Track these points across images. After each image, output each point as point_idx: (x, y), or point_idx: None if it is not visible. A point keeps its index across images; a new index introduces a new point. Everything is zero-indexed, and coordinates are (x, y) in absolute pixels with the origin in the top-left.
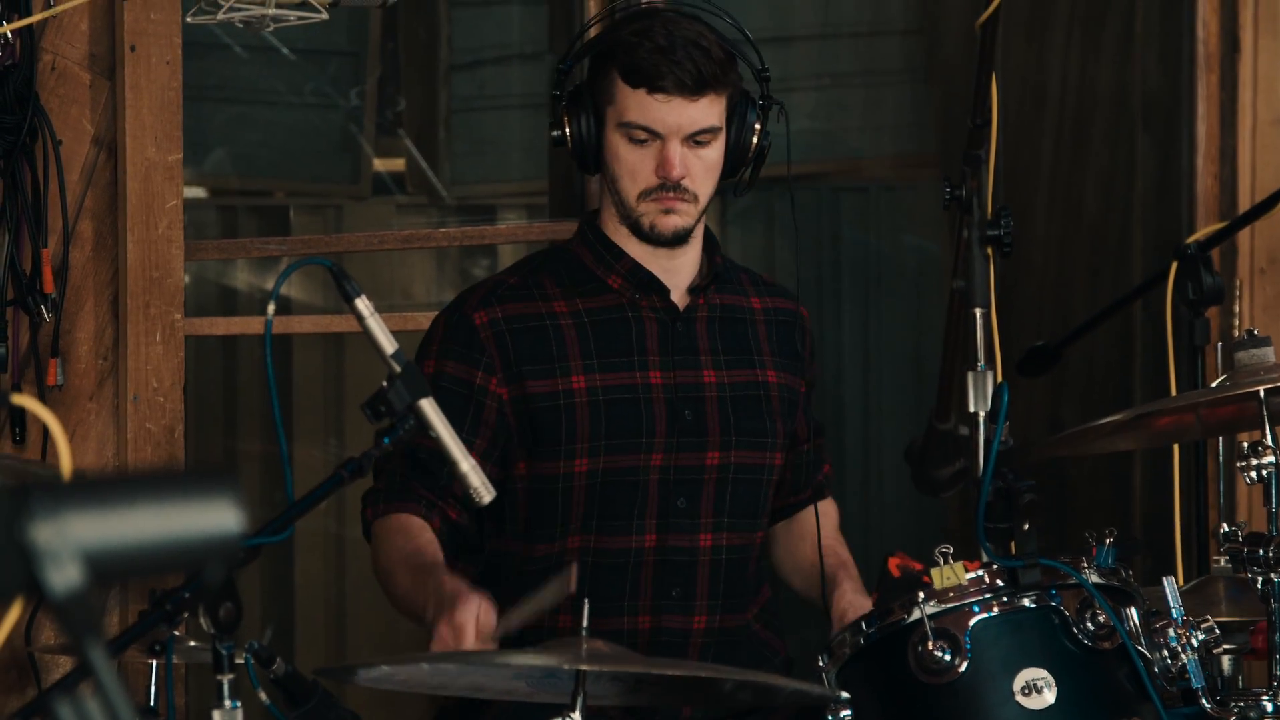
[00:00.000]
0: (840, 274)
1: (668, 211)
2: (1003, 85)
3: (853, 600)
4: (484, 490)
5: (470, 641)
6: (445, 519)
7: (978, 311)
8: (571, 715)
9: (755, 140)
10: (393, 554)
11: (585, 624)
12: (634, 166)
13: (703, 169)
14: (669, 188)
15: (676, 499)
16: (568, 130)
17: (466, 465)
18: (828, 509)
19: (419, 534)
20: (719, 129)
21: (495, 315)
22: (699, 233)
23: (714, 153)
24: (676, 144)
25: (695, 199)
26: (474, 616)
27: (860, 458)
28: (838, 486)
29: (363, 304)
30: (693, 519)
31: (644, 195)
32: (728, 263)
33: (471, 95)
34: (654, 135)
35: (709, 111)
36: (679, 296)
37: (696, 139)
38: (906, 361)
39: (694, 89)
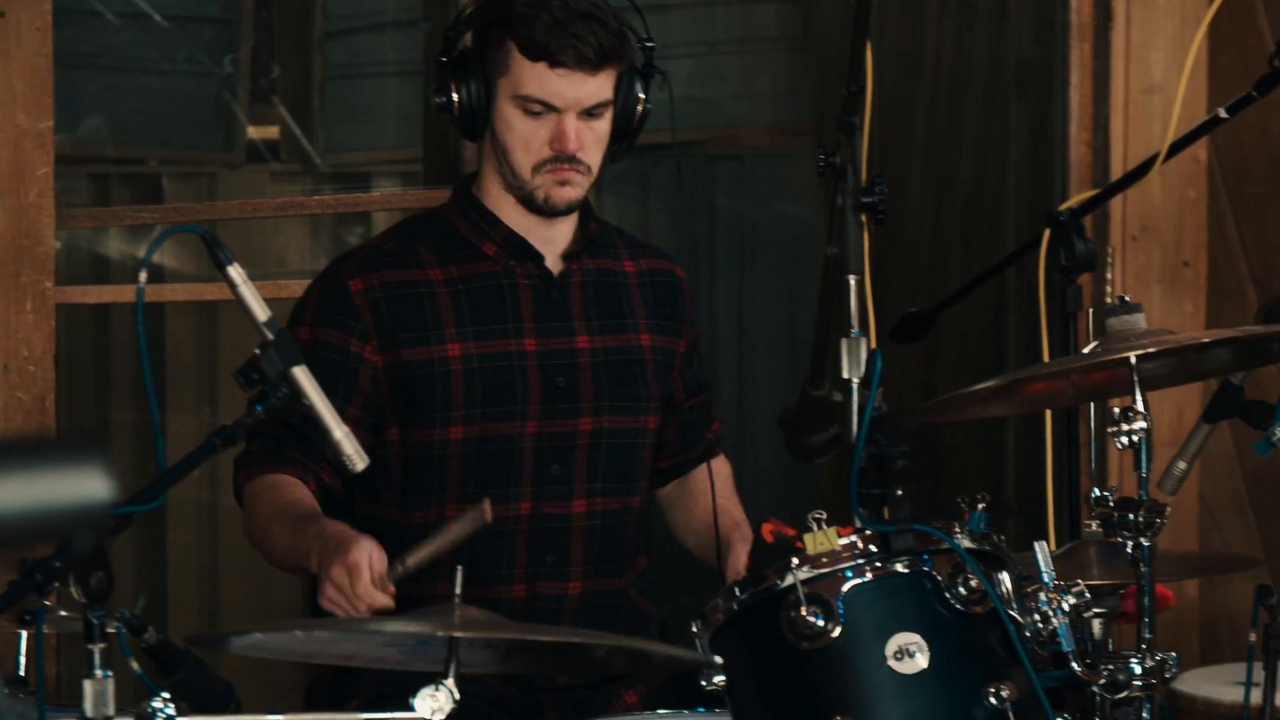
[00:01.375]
0: (715, 241)
1: (563, 184)
2: (878, 53)
3: (746, 562)
4: (357, 458)
5: (366, 582)
6: (320, 482)
7: (852, 278)
8: (445, 683)
9: (640, 109)
10: (269, 509)
11: (458, 591)
12: (528, 138)
13: (594, 140)
14: (564, 160)
15: (550, 466)
16: (455, 97)
17: (339, 433)
18: (720, 468)
19: (295, 489)
20: (611, 101)
21: (371, 282)
22: None
23: (605, 124)
24: (573, 118)
25: (589, 170)
26: (367, 556)
27: (734, 424)
28: None
29: (235, 272)
30: (567, 485)
31: (539, 167)
32: (602, 226)
33: (346, 63)
34: (550, 109)
35: (604, 85)
36: (553, 263)
37: (590, 112)
38: (781, 328)
39: (594, 63)
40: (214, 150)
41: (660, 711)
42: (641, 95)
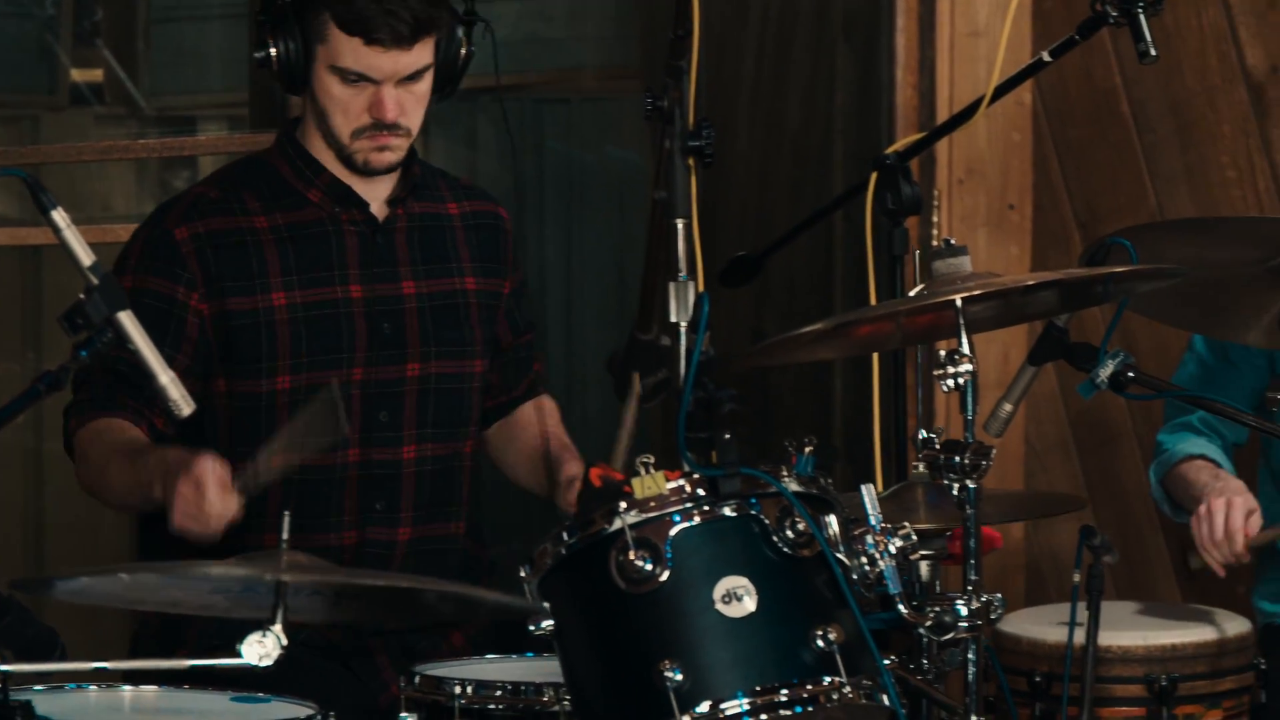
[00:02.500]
0: (543, 186)
1: (382, 149)
2: None
3: (578, 470)
4: (183, 403)
5: (213, 493)
6: (152, 428)
7: (679, 222)
8: (272, 629)
9: (462, 55)
10: (105, 449)
11: (285, 536)
12: (346, 105)
13: (415, 102)
14: (383, 126)
15: (378, 412)
16: (273, 53)
17: (165, 378)
18: (548, 404)
19: (129, 430)
20: (431, 65)
21: (197, 230)
22: None
23: (425, 85)
24: (390, 88)
25: (409, 133)
26: (210, 468)
27: (563, 368)
28: None
29: (59, 216)
30: (395, 432)
31: (357, 134)
32: (425, 169)
33: (170, 5)
34: (368, 80)
35: (423, 54)
36: (378, 209)
37: (409, 78)
38: (609, 272)
39: (410, 38)
40: (37, 93)
41: (489, 656)
42: (463, 41)
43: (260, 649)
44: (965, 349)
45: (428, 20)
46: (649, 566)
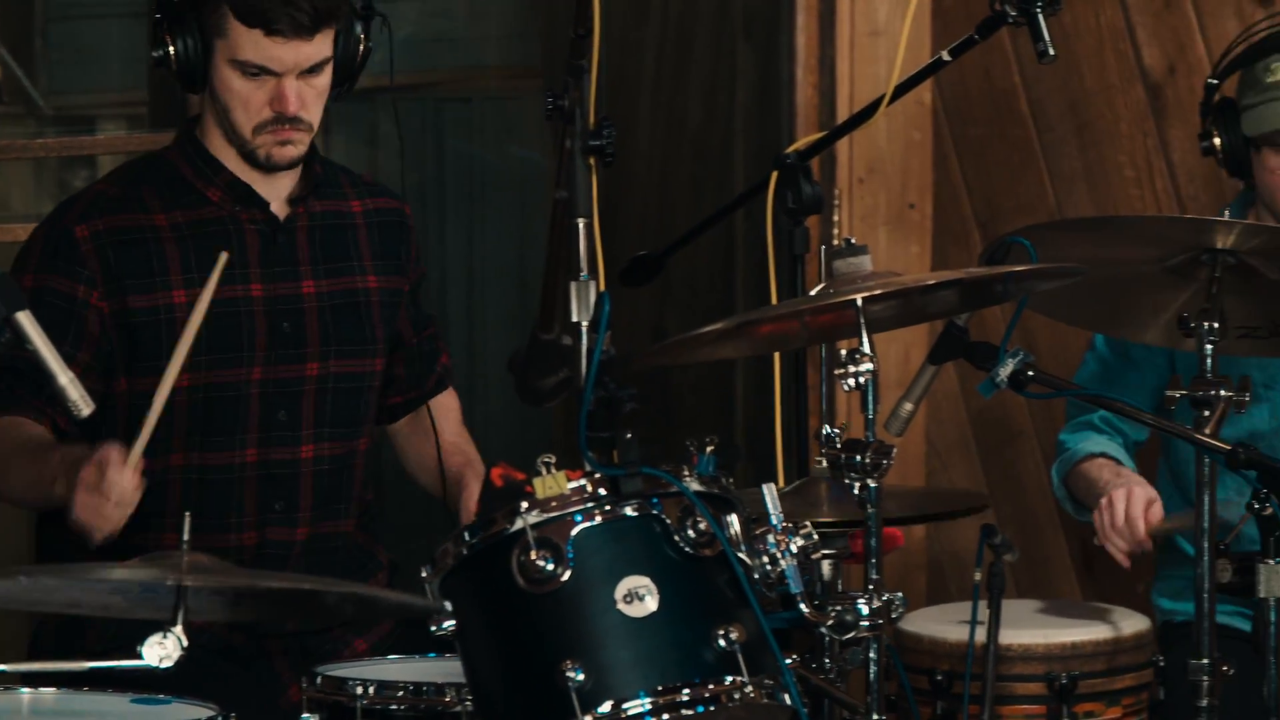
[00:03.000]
0: (445, 185)
1: (284, 143)
2: None
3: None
4: (82, 403)
5: (114, 470)
6: (55, 427)
7: (580, 221)
8: (173, 630)
9: (361, 51)
10: (7, 446)
11: (186, 537)
12: (247, 100)
13: (315, 96)
14: (285, 120)
15: (277, 412)
16: (171, 51)
17: (65, 379)
18: (450, 402)
19: (32, 427)
20: (330, 58)
21: (97, 228)
22: None
23: (325, 79)
24: (291, 80)
25: (310, 127)
26: (115, 448)
27: (465, 368)
28: None
29: None
30: (294, 431)
31: (259, 129)
32: (327, 166)
33: (68, 4)
34: (269, 73)
35: (322, 45)
36: (279, 207)
37: (310, 70)
38: (510, 271)
39: (310, 29)
40: None
41: (390, 657)
42: (362, 37)
43: (161, 650)
44: (866, 348)
45: (327, 11)
46: (550, 566)
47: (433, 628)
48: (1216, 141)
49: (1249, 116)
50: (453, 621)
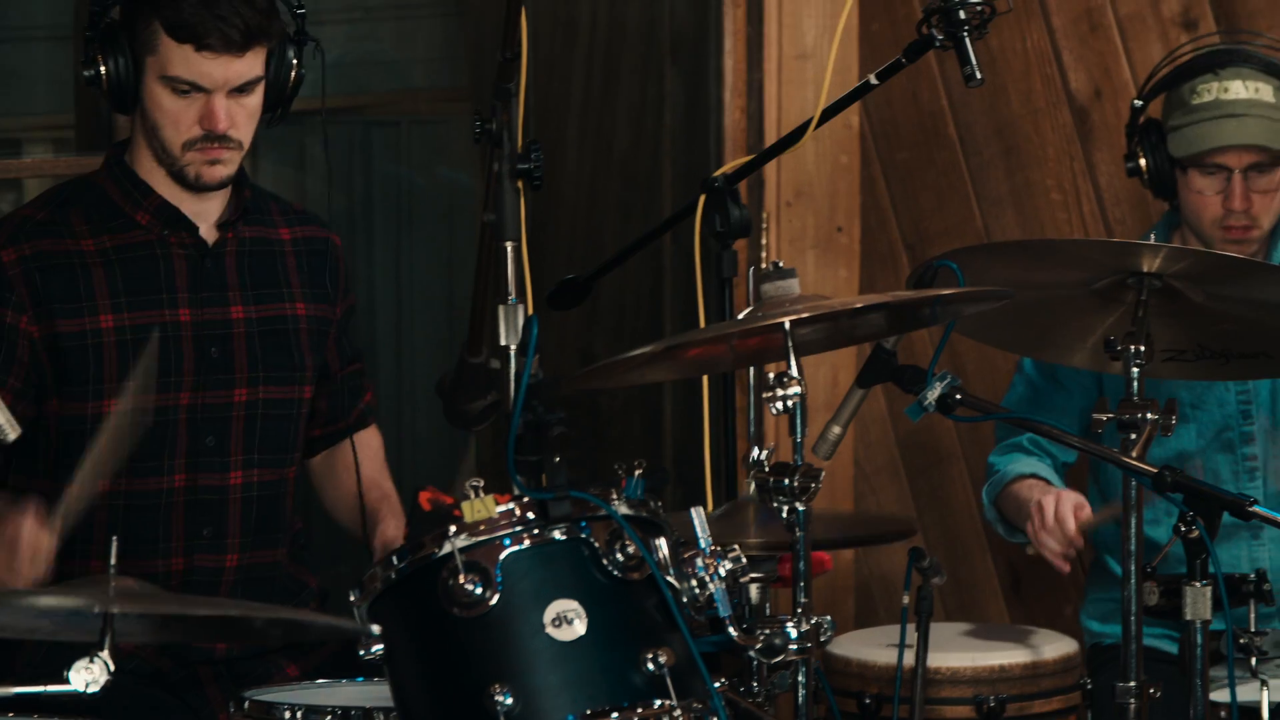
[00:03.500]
0: (373, 207)
1: (213, 162)
2: (533, 19)
3: (394, 537)
4: (9, 427)
5: (24, 561)
6: None
7: (509, 245)
8: (100, 655)
9: (293, 77)
10: None
11: (114, 562)
12: (177, 117)
13: (246, 116)
14: (214, 139)
15: (205, 438)
16: (102, 71)
17: None
18: (371, 439)
19: None
20: (262, 77)
21: (24, 252)
22: None
23: (256, 99)
24: (221, 98)
25: (240, 146)
26: (26, 530)
27: (393, 391)
28: None
29: None
30: (222, 457)
31: (188, 146)
32: (256, 193)
33: None
34: (199, 89)
35: (253, 64)
36: (208, 232)
37: (241, 89)
38: (439, 295)
39: (241, 45)
40: None
41: (319, 681)
42: (294, 62)
43: (88, 675)
44: (794, 371)
45: (259, 28)
46: (479, 590)
47: (361, 652)
48: (1142, 163)
49: (1175, 138)
50: (381, 645)
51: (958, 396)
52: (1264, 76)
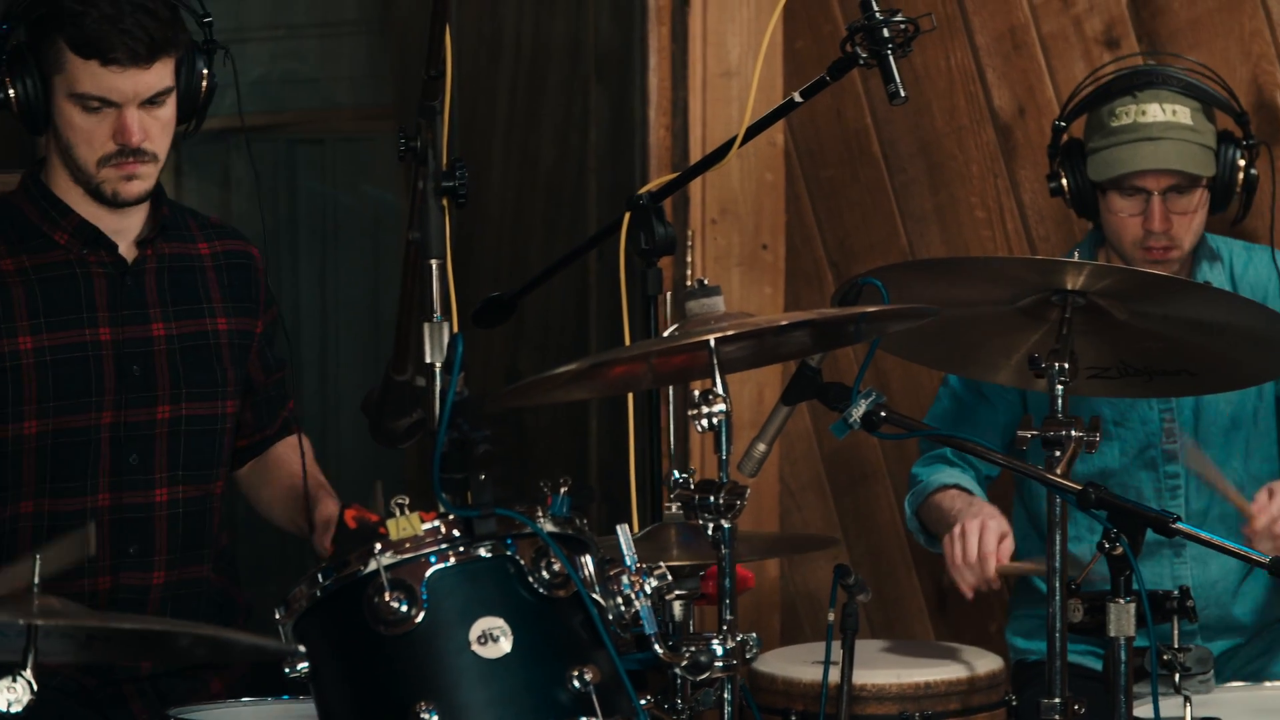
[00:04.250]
0: (298, 225)
1: (130, 178)
2: (458, 37)
3: (334, 512)
4: None
5: None
6: None
7: (434, 263)
8: (23, 674)
9: (205, 88)
10: None
11: (37, 580)
12: (90, 134)
13: (159, 128)
14: (129, 153)
15: (129, 456)
16: (11, 94)
17: None
18: (302, 441)
19: None
20: (172, 88)
21: None
22: None
23: (169, 111)
24: (133, 110)
25: (155, 159)
26: None
27: (318, 408)
28: None
29: None
30: (146, 475)
31: (103, 162)
32: (174, 209)
33: None
34: (109, 104)
35: (162, 74)
36: (127, 250)
37: (152, 101)
38: (364, 312)
39: (147, 57)
40: None
41: (245, 699)
42: (205, 72)
43: (10, 694)
44: (719, 389)
45: (163, 39)
46: (404, 608)
47: (287, 669)
48: (1064, 183)
49: (1094, 160)
50: (306, 663)
51: (882, 414)
52: (1182, 99)
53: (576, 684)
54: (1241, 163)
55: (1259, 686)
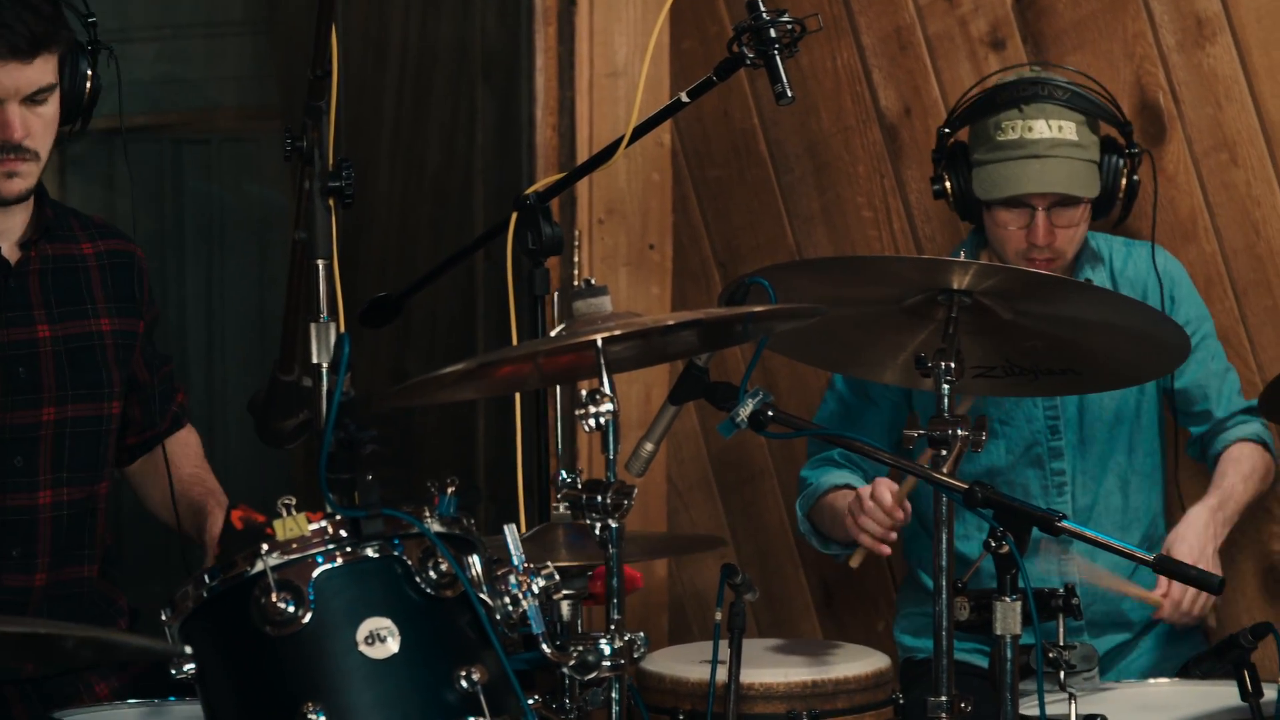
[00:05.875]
0: (184, 226)
1: (11, 175)
2: (344, 37)
3: (223, 516)
4: None
5: None
6: None
7: (320, 263)
8: None
9: (89, 88)
10: None
11: None
12: None
13: (42, 126)
14: (10, 149)
15: (13, 458)
16: None
17: None
18: (189, 438)
19: None
20: (55, 85)
21: None
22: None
23: (51, 108)
24: (15, 106)
25: (37, 157)
26: None
27: (204, 409)
28: None
29: None
30: (31, 477)
31: None
32: (58, 210)
33: None
34: None
35: (44, 70)
36: (10, 251)
37: (34, 98)
38: (250, 312)
39: (28, 52)
40: None
41: (130, 701)
42: (89, 72)
43: None
44: (606, 389)
45: (45, 34)
46: (291, 608)
47: (173, 671)
48: (948, 186)
49: (980, 176)
50: (193, 665)
51: (770, 413)
52: (1068, 112)
53: (464, 684)
54: (1124, 171)
55: (1144, 683)
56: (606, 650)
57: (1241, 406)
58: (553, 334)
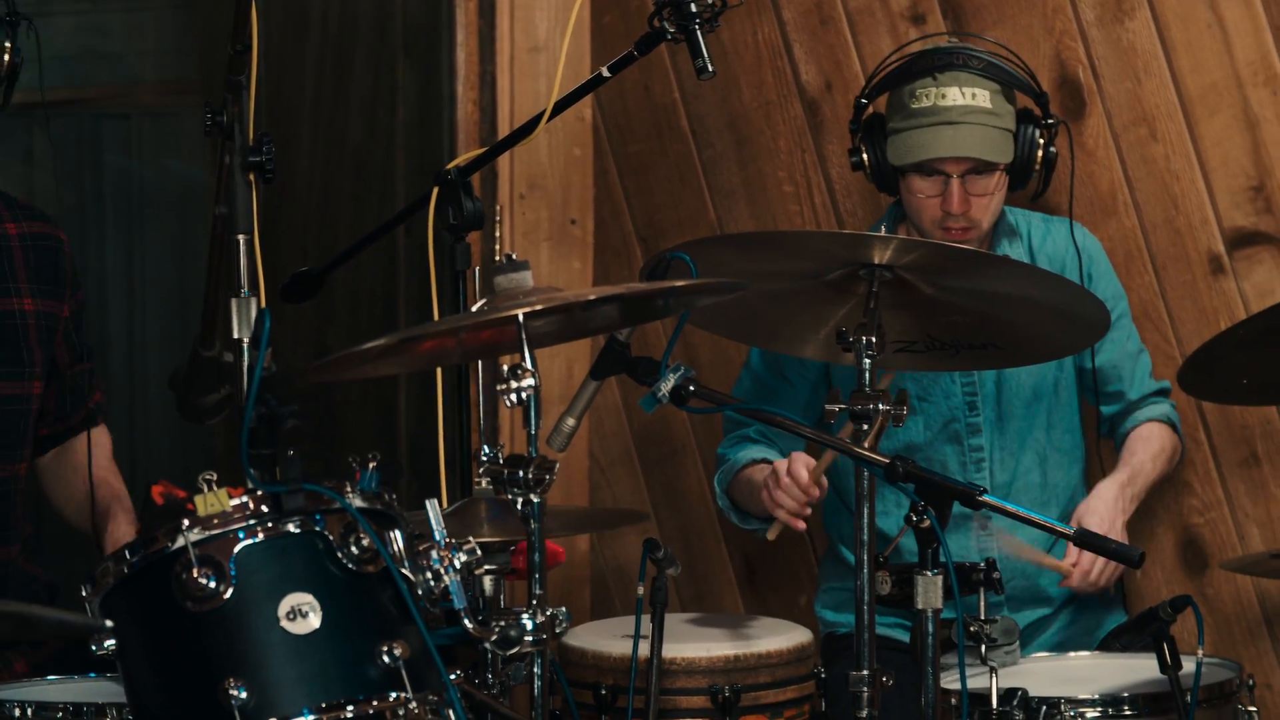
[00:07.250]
0: (103, 201)
1: None
2: (264, 11)
3: (126, 532)
4: None
5: None
6: None
7: (241, 238)
8: None
9: (8, 60)
10: None
11: None
12: None
13: None
14: None
15: None
16: None
17: None
18: (100, 437)
19: None
20: None
21: None
22: None
23: None
24: None
25: None
26: None
27: (125, 386)
28: None
29: None
30: None
31: None
32: None
33: None
34: None
35: None
36: None
37: None
38: (171, 288)
39: None
40: None
41: (50, 678)
42: (7, 45)
43: None
44: (528, 364)
45: None
46: (212, 584)
47: (93, 647)
48: (865, 158)
49: (894, 143)
50: (114, 641)
51: (691, 388)
52: (983, 81)
53: (386, 659)
54: (1041, 141)
55: (1064, 657)
56: (529, 625)
57: (1153, 389)
58: (474, 309)
